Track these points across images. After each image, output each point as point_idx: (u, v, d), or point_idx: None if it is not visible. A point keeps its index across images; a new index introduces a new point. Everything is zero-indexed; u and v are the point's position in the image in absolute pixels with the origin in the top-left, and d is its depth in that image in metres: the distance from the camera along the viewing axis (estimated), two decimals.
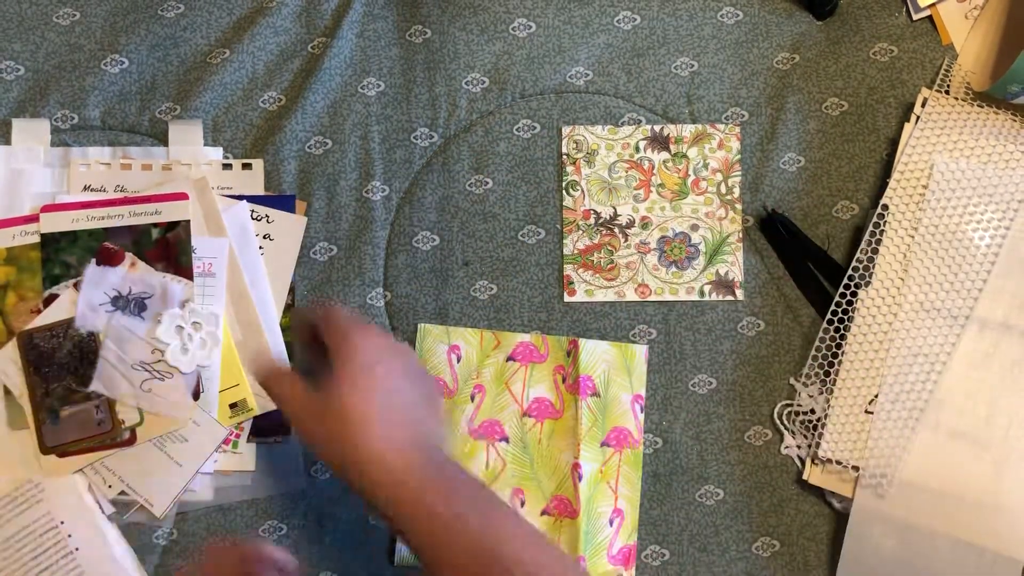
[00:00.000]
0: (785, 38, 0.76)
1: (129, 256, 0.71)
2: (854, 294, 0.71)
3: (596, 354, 0.72)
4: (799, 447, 0.72)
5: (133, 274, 0.70)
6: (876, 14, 0.76)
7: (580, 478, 0.70)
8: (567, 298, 0.74)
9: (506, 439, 0.72)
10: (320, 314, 0.57)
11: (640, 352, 0.73)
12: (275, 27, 0.75)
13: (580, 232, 0.74)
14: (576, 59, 0.75)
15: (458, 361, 0.73)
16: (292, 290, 0.73)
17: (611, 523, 0.70)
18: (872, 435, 0.69)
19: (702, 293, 0.74)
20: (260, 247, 0.73)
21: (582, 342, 0.72)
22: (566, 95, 0.75)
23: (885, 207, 0.71)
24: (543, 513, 0.71)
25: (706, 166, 0.75)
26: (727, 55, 0.76)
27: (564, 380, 0.72)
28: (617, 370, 0.72)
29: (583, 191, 0.74)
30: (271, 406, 0.71)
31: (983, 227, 0.70)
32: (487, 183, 0.75)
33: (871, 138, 0.75)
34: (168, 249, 0.71)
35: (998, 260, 0.70)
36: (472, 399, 0.72)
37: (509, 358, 0.73)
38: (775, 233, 0.73)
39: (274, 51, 0.75)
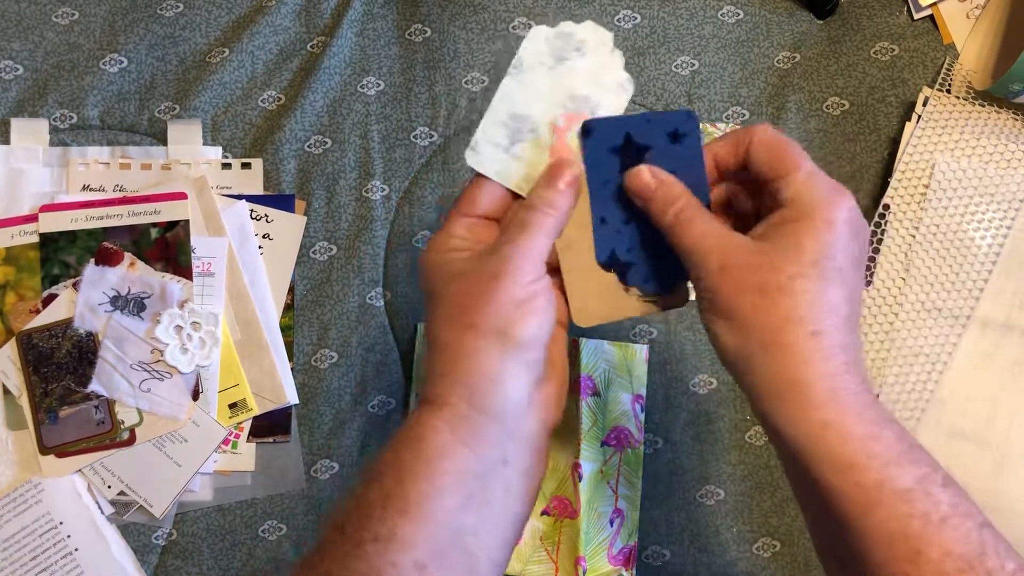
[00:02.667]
0: (786, 37, 0.76)
1: (128, 256, 0.70)
2: None
3: (597, 354, 0.72)
4: None
5: (132, 274, 0.70)
6: (877, 13, 0.76)
7: (580, 478, 0.70)
8: None
9: None
10: (761, 137, 0.46)
11: (640, 352, 0.72)
12: (274, 26, 0.75)
13: None
14: None
15: None
16: (292, 290, 0.73)
17: (611, 523, 0.70)
18: None
19: None
20: (259, 247, 0.73)
21: (582, 341, 0.72)
22: None
23: (886, 206, 0.71)
24: (543, 513, 0.71)
25: None
26: (728, 54, 0.75)
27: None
28: (617, 370, 0.72)
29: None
30: (270, 406, 0.71)
31: (984, 227, 0.70)
32: None
33: (872, 137, 0.75)
34: (167, 249, 0.71)
35: (999, 260, 0.69)
36: None
37: None
38: None
39: (273, 50, 0.75)
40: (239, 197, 0.73)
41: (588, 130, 0.48)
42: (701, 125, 0.75)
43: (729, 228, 0.45)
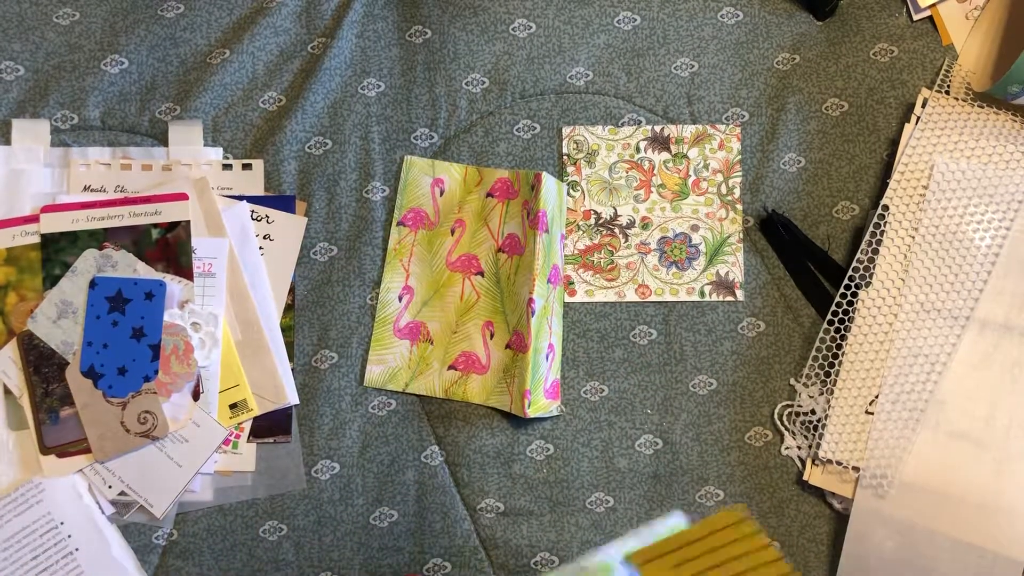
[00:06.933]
0: (785, 38, 0.76)
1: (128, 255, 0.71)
2: (854, 295, 0.71)
3: (551, 189, 0.71)
4: (799, 448, 0.72)
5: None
6: (876, 14, 0.76)
7: (532, 313, 0.70)
8: (567, 298, 0.74)
9: (481, 273, 0.73)
10: None
11: (551, 182, 0.71)
12: (275, 27, 0.75)
13: (580, 232, 0.74)
14: (576, 59, 0.75)
15: (441, 195, 0.74)
16: (292, 290, 0.73)
17: (547, 358, 0.71)
18: (872, 436, 0.69)
19: (702, 294, 0.74)
20: (260, 247, 0.73)
21: (544, 176, 0.71)
22: (566, 95, 0.75)
23: (885, 207, 0.71)
24: (507, 347, 0.71)
25: (706, 166, 0.74)
26: (727, 55, 0.76)
27: (528, 215, 0.72)
28: (557, 207, 0.72)
29: (583, 191, 0.74)
30: (271, 406, 0.71)
31: (983, 227, 0.70)
32: None
33: (871, 139, 0.75)
34: (168, 249, 0.71)
35: (998, 261, 0.70)
36: (452, 233, 0.73)
37: (488, 194, 0.73)
38: (775, 234, 0.73)
39: (274, 51, 0.75)
40: (240, 198, 0.73)
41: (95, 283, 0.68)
42: (701, 126, 0.75)
43: None
